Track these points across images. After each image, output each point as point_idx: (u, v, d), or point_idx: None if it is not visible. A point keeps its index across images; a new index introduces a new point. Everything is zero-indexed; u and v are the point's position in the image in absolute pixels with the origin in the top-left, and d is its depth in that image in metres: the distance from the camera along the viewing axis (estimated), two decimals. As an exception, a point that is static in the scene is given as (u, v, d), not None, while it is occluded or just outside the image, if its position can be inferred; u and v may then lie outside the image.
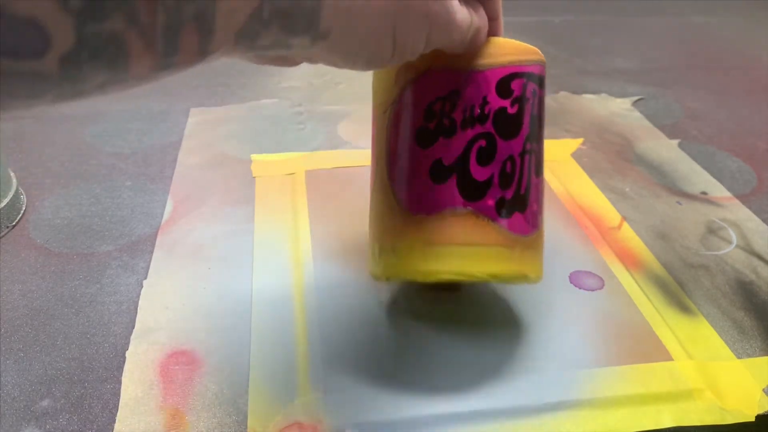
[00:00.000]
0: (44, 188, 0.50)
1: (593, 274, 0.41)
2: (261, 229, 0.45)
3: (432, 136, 0.31)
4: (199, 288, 0.39)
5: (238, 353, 0.35)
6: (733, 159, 0.56)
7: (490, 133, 0.31)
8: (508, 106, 0.31)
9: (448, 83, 0.31)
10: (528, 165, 0.32)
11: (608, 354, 0.35)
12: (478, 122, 0.31)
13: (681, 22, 0.95)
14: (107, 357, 0.35)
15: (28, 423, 0.31)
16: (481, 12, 0.28)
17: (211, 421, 0.31)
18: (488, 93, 0.31)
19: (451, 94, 0.31)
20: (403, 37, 0.24)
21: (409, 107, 0.32)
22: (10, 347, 0.35)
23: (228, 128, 0.60)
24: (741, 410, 0.32)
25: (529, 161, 0.32)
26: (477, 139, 0.31)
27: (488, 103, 0.31)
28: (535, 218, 0.33)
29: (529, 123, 0.32)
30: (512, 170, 0.31)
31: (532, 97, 0.32)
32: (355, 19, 0.22)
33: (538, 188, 0.33)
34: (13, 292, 0.39)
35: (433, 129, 0.31)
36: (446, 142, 0.31)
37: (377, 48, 0.24)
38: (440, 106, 0.31)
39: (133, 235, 0.45)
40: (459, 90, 0.31)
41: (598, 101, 0.67)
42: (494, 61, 0.30)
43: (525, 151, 0.32)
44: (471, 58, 0.30)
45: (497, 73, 0.31)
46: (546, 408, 0.32)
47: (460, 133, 0.31)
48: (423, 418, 0.31)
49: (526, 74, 0.31)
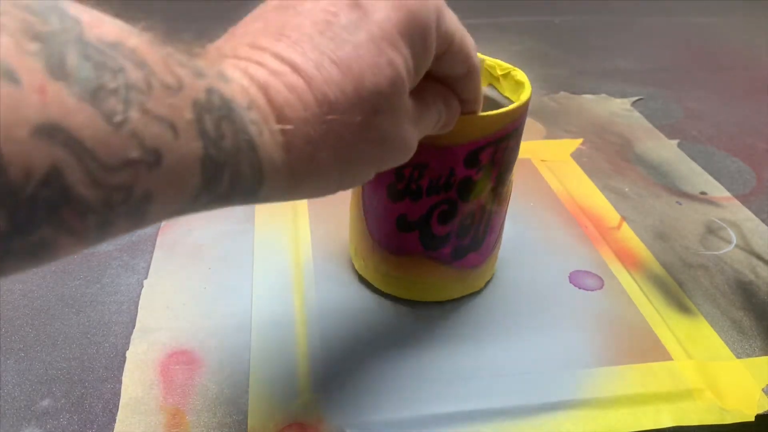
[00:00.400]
0: (44, 188, 0.50)
1: (593, 274, 0.41)
2: (261, 229, 0.45)
3: (400, 194, 0.33)
4: (200, 288, 0.39)
5: (238, 353, 0.35)
6: (733, 159, 0.56)
7: (452, 199, 0.33)
8: (474, 174, 0.32)
9: (418, 155, 0.30)
10: (489, 212, 0.34)
11: (608, 354, 0.35)
12: (443, 190, 0.33)
13: (680, 23, 0.95)
14: (108, 357, 0.35)
15: (29, 423, 0.31)
16: (453, 103, 0.27)
17: (212, 421, 0.31)
18: (456, 166, 0.32)
19: (419, 165, 0.32)
20: (351, 179, 0.23)
21: None
22: (11, 347, 0.35)
23: (228, 128, 0.60)
24: (740, 410, 0.32)
25: (489, 208, 0.34)
26: (440, 204, 0.33)
27: (455, 175, 0.32)
28: (491, 245, 0.36)
29: (496, 178, 0.33)
30: (471, 222, 0.34)
31: (502, 154, 0.32)
32: (301, 177, 0.21)
33: (500, 222, 0.36)
34: (14, 291, 0.39)
35: (402, 189, 0.33)
36: (412, 203, 0.33)
37: (324, 189, 0.23)
38: (409, 172, 0.32)
39: (133, 234, 0.45)
40: (428, 162, 0.32)
41: (597, 101, 0.67)
42: (463, 140, 0.31)
43: (487, 202, 0.34)
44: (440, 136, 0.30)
45: (465, 148, 0.31)
46: (545, 408, 0.32)
47: (425, 198, 0.33)
48: (423, 418, 0.31)
49: (496, 141, 0.31)
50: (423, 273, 0.36)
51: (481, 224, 0.34)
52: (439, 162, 0.32)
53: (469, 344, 0.35)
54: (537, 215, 0.47)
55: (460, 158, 0.31)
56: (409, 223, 0.34)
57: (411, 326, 0.36)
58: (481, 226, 0.34)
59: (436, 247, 0.35)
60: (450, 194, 0.33)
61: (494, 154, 0.32)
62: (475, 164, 0.32)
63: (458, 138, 0.31)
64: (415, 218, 0.34)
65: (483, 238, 0.35)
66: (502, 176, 0.34)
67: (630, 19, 0.97)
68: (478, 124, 0.30)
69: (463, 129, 0.30)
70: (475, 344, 0.35)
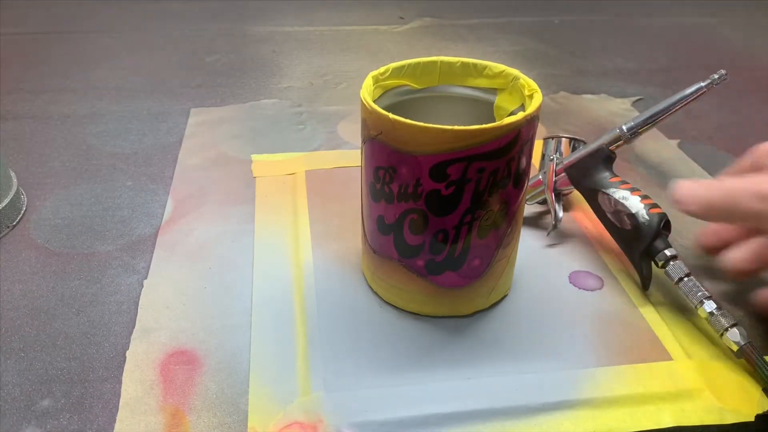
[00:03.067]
0: (45, 188, 0.50)
1: (593, 274, 0.41)
2: (261, 229, 0.45)
3: (378, 195, 0.34)
4: (200, 288, 0.39)
5: (238, 353, 0.35)
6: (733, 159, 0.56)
7: (422, 210, 0.32)
8: (442, 188, 0.31)
9: (389, 158, 0.32)
10: (468, 232, 0.33)
11: (608, 354, 0.35)
12: (411, 199, 0.32)
13: (680, 23, 0.95)
14: (108, 357, 0.35)
15: (29, 422, 0.31)
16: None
17: (212, 421, 0.31)
18: (421, 176, 0.31)
19: (390, 168, 0.32)
20: None
21: (366, 160, 0.34)
22: (11, 347, 0.35)
23: (228, 128, 0.60)
24: (740, 410, 0.32)
25: (469, 229, 0.33)
26: (410, 212, 0.33)
27: (421, 185, 0.31)
28: (475, 270, 0.35)
29: (472, 197, 0.32)
30: (444, 239, 0.33)
31: (478, 174, 0.31)
32: None
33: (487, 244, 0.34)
34: (14, 291, 0.39)
35: (378, 190, 0.34)
36: (386, 206, 0.33)
37: None
38: (383, 174, 0.33)
39: (133, 235, 0.45)
40: (396, 167, 0.32)
41: (597, 101, 0.67)
42: (427, 149, 0.30)
43: (463, 223, 0.32)
44: (407, 143, 0.31)
45: (430, 159, 0.30)
46: (545, 408, 0.32)
47: (396, 203, 0.33)
48: (423, 418, 0.31)
49: (469, 157, 0.30)
50: (401, 281, 0.36)
51: (457, 245, 0.33)
52: (407, 169, 0.31)
53: (469, 344, 0.35)
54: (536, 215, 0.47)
55: (424, 169, 0.31)
56: (385, 226, 0.34)
57: (411, 326, 0.36)
58: (457, 247, 0.33)
59: (410, 255, 0.34)
60: (419, 205, 0.32)
61: (465, 171, 0.31)
62: (443, 178, 0.31)
63: (422, 147, 0.30)
64: (390, 221, 0.34)
65: (462, 260, 0.34)
66: (483, 200, 0.32)
67: (629, 19, 0.97)
68: (441, 136, 0.30)
69: (427, 139, 0.30)
70: (476, 344, 0.35)
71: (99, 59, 0.78)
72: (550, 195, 0.43)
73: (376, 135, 0.32)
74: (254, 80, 0.72)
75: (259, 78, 0.72)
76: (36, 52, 0.80)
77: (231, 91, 0.69)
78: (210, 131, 0.59)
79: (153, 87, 0.70)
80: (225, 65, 0.76)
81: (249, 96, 0.67)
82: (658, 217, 0.38)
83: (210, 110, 0.63)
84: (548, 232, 0.44)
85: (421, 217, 0.32)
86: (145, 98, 0.67)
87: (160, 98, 0.67)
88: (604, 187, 0.40)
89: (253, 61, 0.77)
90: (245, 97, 0.67)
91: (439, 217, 0.32)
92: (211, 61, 0.77)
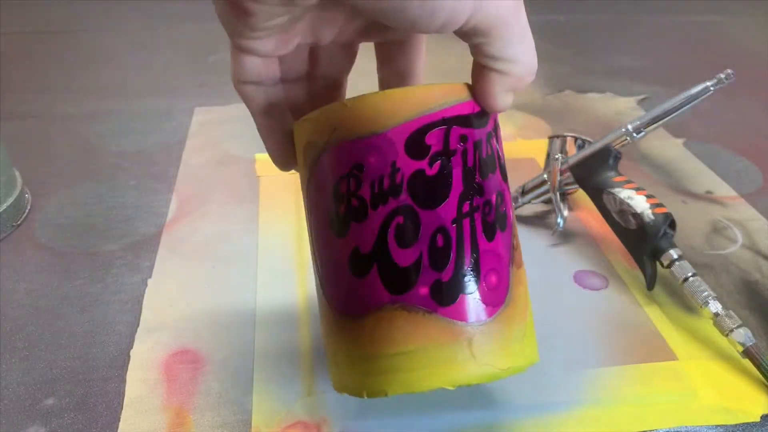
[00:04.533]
0: (49, 187, 0.50)
1: (597, 273, 0.41)
2: (265, 228, 0.45)
3: (344, 222, 0.26)
4: (204, 287, 0.39)
5: (242, 352, 0.35)
6: (739, 158, 0.56)
7: (407, 206, 0.25)
8: (426, 166, 0.25)
9: (348, 157, 0.25)
10: (472, 229, 0.25)
11: (612, 353, 0.35)
12: (390, 196, 0.25)
13: (686, 21, 0.95)
14: (111, 356, 0.35)
15: (33, 421, 0.31)
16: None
17: (215, 420, 0.31)
18: (396, 157, 0.25)
19: (353, 170, 0.25)
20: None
21: (318, 191, 0.27)
22: (15, 346, 0.35)
23: (232, 127, 0.60)
24: (745, 410, 0.32)
25: (472, 224, 0.25)
26: (392, 216, 0.25)
27: (398, 170, 0.25)
28: (495, 293, 0.26)
29: (463, 178, 0.25)
30: (446, 243, 0.25)
31: (462, 144, 0.25)
32: None
33: (497, 251, 0.26)
34: (18, 290, 0.39)
35: (343, 214, 0.26)
36: (358, 227, 0.25)
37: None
38: (345, 186, 0.25)
39: (137, 234, 0.45)
40: (361, 162, 0.25)
41: (603, 100, 0.67)
42: (396, 119, 0.24)
43: (462, 214, 0.25)
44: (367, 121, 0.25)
45: (402, 130, 0.25)
46: (550, 407, 0.32)
47: (371, 213, 0.25)
48: (425, 418, 0.31)
49: (446, 120, 0.25)
50: (401, 340, 0.25)
51: (464, 248, 0.25)
52: (376, 157, 0.25)
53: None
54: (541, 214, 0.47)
55: (398, 145, 0.25)
56: (363, 258, 0.25)
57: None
58: (465, 251, 0.25)
59: (405, 285, 0.25)
60: (402, 198, 0.25)
61: (447, 139, 0.25)
62: (423, 152, 0.25)
63: (391, 118, 0.25)
64: (368, 248, 0.25)
65: (476, 273, 0.25)
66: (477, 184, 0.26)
67: (635, 17, 0.97)
68: (411, 96, 0.25)
69: (388, 105, 0.25)
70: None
71: (103, 58, 0.78)
72: (555, 194, 0.43)
73: (327, 140, 0.26)
74: (258, 79, 0.72)
75: (263, 77, 0.72)
76: (40, 52, 0.80)
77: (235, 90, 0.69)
78: (214, 130, 0.59)
79: (157, 86, 0.70)
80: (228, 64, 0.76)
81: (253, 95, 0.67)
82: (663, 217, 0.38)
83: (214, 109, 0.63)
84: (553, 231, 0.44)
85: (409, 216, 0.25)
86: (149, 97, 0.67)
87: (164, 97, 0.67)
88: (609, 187, 0.40)
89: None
90: (249, 96, 0.67)
91: (430, 209, 0.25)
92: (215, 60, 0.77)
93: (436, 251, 0.25)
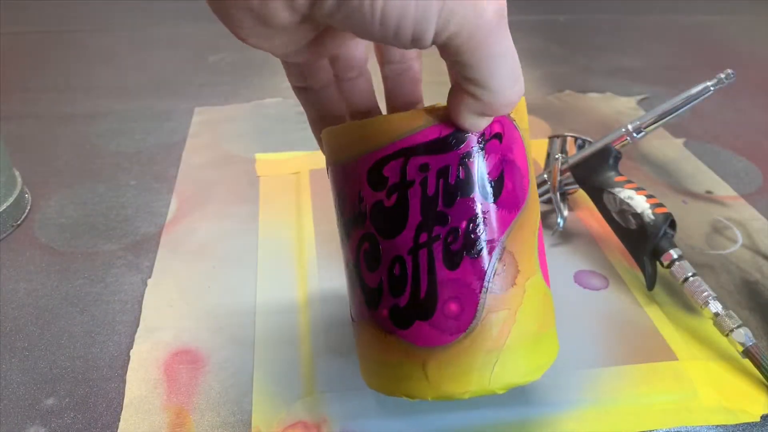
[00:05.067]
0: (49, 187, 0.50)
1: (597, 273, 0.41)
2: (265, 228, 0.45)
3: (341, 233, 0.28)
4: (204, 287, 0.39)
5: (242, 352, 0.35)
6: (739, 158, 0.56)
7: (371, 234, 0.26)
8: (384, 198, 0.25)
9: (337, 180, 0.27)
10: (429, 260, 0.25)
11: (613, 353, 0.35)
12: (359, 222, 0.26)
13: (686, 21, 0.95)
14: (111, 356, 0.35)
15: (33, 421, 0.31)
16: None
17: (215, 420, 0.31)
18: (361, 187, 0.26)
19: (340, 192, 0.27)
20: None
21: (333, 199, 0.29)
22: (15, 346, 0.35)
23: (232, 127, 0.60)
24: (745, 410, 0.32)
25: (429, 255, 0.25)
26: (363, 241, 0.26)
27: (363, 200, 0.26)
28: (456, 321, 0.25)
29: (421, 208, 0.25)
30: (402, 272, 0.26)
31: (422, 173, 0.25)
32: None
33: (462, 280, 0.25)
34: (18, 290, 0.39)
35: (339, 226, 0.28)
36: (347, 242, 0.28)
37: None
38: (337, 205, 0.28)
39: (137, 234, 0.45)
40: (343, 187, 0.27)
41: (603, 100, 0.67)
42: (361, 149, 0.25)
43: (419, 244, 0.25)
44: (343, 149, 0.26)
45: (365, 161, 0.25)
46: (550, 407, 0.32)
47: (351, 233, 0.27)
48: (426, 418, 0.31)
49: (404, 151, 0.25)
50: (365, 344, 0.28)
51: (420, 280, 0.25)
52: (349, 185, 0.26)
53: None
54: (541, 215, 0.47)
55: (362, 176, 0.26)
56: (352, 272, 0.28)
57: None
58: (421, 282, 0.25)
59: (373, 305, 0.27)
60: (367, 226, 0.26)
61: (404, 171, 0.25)
62: (381, 183, 0.25)
63: (357, 149, 0.26)
64: (352, 265, 0.28)
65: (432, 303, 0.25)
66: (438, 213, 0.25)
67: (636, 17, 0.97)
68: (370, 128, 0.25)
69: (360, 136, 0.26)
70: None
71: (103, 58, 0.78)
72: (555, 194, 0.43)
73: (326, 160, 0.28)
74: (258, 79, 0.72)
75: (263, 77, 0.72)
76: (40, 52, 0.80)
77: (235, 90, 0.69)
78: (214, 130, 0.59)
79: (157, 86, 0.70)
80: (229, 64, 0.76)
81: (253, 95, 0.67)
82: (664, 217, 0.38)
83: (214, 109, 0.63)
84: (553, 231, 0.44)
85: (372, 243, 0.26)
86: (148, 97, 0.67)
87: (163, 97, 0.67)
88: (609, 187, 0.40)
89: (256, 60, 0.77)
90: (249, 96, 0.67)
91: (389, 239, 0.26)
92: (215, 60, 0.77)
93: (394, 279, 0.26)
